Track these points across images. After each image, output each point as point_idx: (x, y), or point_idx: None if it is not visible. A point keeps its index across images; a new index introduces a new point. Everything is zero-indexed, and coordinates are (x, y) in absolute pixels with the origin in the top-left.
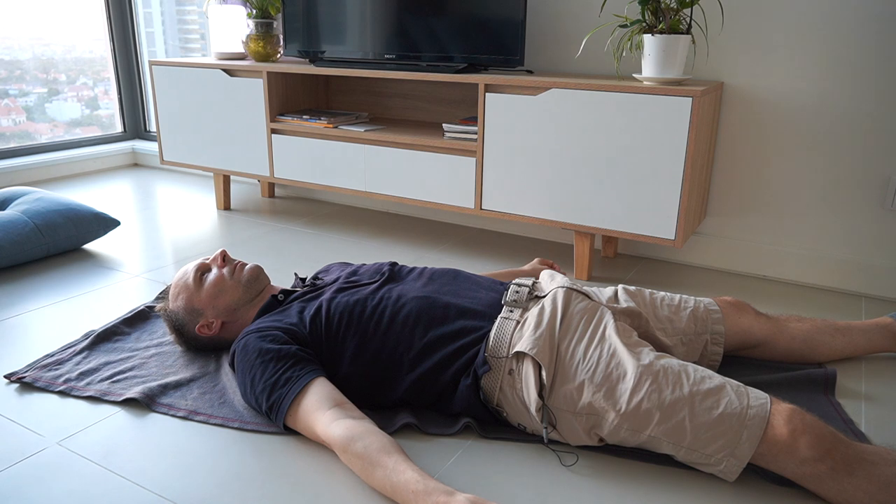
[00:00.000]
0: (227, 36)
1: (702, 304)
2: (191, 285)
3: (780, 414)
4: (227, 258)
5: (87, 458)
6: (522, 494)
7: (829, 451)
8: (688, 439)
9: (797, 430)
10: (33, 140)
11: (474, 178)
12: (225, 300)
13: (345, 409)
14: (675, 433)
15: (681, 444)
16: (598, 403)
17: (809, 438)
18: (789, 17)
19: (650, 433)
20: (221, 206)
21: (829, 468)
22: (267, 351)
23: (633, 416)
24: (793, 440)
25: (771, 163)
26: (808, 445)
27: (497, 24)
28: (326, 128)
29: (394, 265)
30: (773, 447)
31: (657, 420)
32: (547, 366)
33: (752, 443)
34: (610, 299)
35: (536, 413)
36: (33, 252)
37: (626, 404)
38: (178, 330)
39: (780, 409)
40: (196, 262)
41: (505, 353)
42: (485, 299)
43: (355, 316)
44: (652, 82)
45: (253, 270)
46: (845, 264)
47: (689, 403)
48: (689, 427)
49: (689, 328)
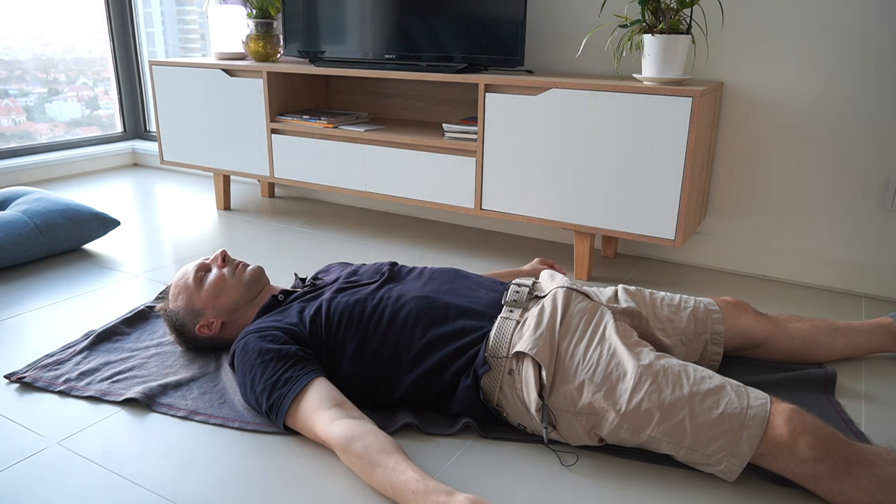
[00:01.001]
0: (227, 36)
1: (702, 305)
2: (191, 285)
3: (780, 414)
4: (227, 258)
5: (87, 458)
6: (522, 494)
7: (829, 451)
8: (688, 439)
9: (797, 430)
10: (33, 140)
11: (474, 178)
12: (225, 300)
13: (344, 409)
14: (675, 433)
15: (681, 444)
16: (598, 403)
17: (809, 438)
18: (789, 17)
19: (650, 433)
20: (221, 206)
21: (829, 468)
22: (267, 351)
23: (633, 416)
24: (793, 440)
25: (771, 163)
26: (808, 445)
27: (497, 24)
28: (326, 128)
29: (394, 265)
30: (773, 447)
31: (657, 420)
32: (547, 366)
33: (752, 443)
34: (610, 299)
35: (536, 413)
36: (33, 252)
37: (626, 404)
38: (178, 330)
39: (781, 409)
40: (196, 262)
41: (505, 353)
42: (485, 299)
43: (355, 316)
44: (652, 82)
45: (255, 271)
46: (845, 264)
47: (689, 403)
48: (689, 427)
49: (689, 328)
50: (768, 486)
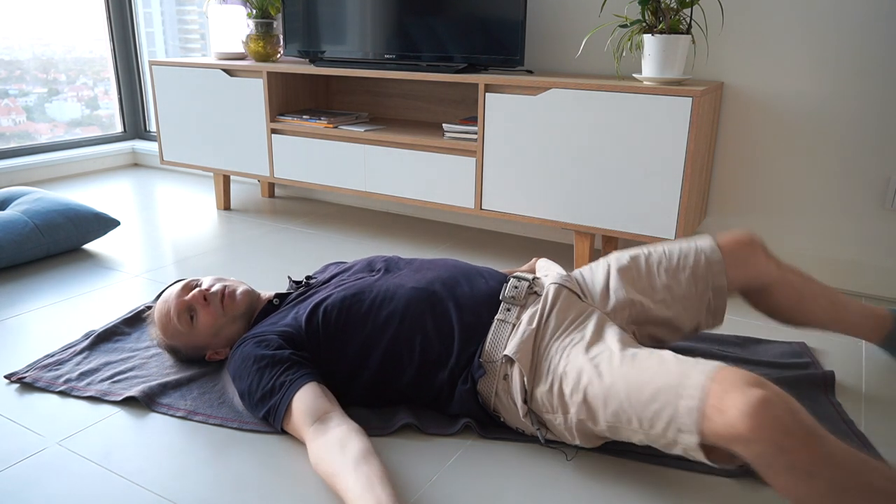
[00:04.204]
0: (227, 36)
1: (703, 257)
2: (182, 330)
3: (739, 394)
4: (208, 296)
5: (87, 458)
6: (522, 494)
7: (793, 448)
8: (634, 419)
9: (756, 415)
10: (33, 140)
11: (474, 178)
12: (226, 334)
13: (324, 424)
14: (622, 415)
15: (632, 426)
16: (556, 401)
17: (772, 432)
18: (789, 17)
19: (605, 420)
20: (221, 206)
21: (789, 465)
22: (262, 357)
23: (585, 408)
24: (749, 429)
25: (771, 163)
26: (769, 439)
27: (497, 24)
28: (326, 128)
29: (389, 258)
30: (724, 429)
31: (602, 404)
32: (527, 369)
33: (693, 415)
34: (602, 292)
35: (524, 418)
36: (33, 252)
37: (576, 398)
38: (183, 360)
39: (747, 393)
40: (172, 302)
41: (499, 357)
42: (484, 291)
43: (353, 311)
44: (652, 82)
45: (244, 298)
46: (845, 264)
47: (627, 382)
48: (630, 405)
49: (689, 292)
50: (768, 487)
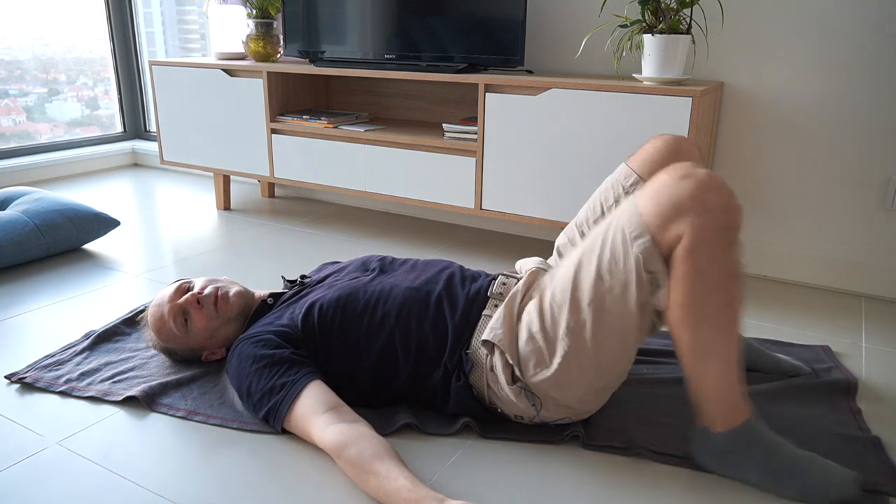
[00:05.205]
0: (227, 36)
1: (620, 187)
2: (178, 334)
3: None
4: (201, 299)
5: (87, 458)
6: (522, 494)
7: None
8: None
9: (702, 184)
10: (33, 140)
11: (474, 178)
12: (221, 336)
13: (339, 413)
14: (585, 279)
15: (603, 283)
16: (540, 340)
17: (716, 199)
18: (789, 17)
19: (587, 298)
20: (221, 206)
21: (710, 257)
22: (261, 357)
23: (567, 310)
24: (691, 195)
25: (771, 163)
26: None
27: (497, 24)
28: (326, 128)
29: (384, 258)
30: (667, 205)
31: (572, 286)
32: (507, 347)
33: (635, 219)
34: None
35: (517, 399)
36: (33, 252)
37: (556, 312)
38: (180, 361)
39: (682, 181)
40: (165, 306)
41: (479, 345)
42: (476, 291)
43: (348, 311)
44: (652, 82)
45: (237, 299)
46: (845, 264)
47: (580, 253)
48: (588, 263)
49: None
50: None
